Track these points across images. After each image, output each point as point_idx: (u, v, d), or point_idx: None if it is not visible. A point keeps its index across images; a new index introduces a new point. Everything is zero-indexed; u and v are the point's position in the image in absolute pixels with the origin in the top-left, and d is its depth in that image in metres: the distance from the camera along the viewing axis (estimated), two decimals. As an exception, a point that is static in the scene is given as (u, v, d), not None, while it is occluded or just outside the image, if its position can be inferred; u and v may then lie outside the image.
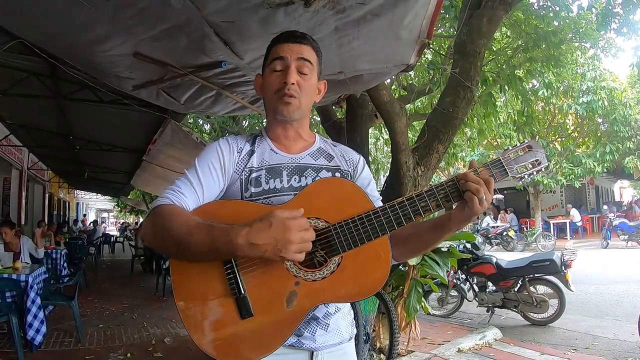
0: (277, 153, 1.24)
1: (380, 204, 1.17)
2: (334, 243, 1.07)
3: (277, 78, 1.20)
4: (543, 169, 1.18)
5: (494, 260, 5.69)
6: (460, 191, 1.07)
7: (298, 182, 1.20)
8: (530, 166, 1.16)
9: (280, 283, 1.07)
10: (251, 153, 1.23)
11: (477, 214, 1.08)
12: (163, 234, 1.05)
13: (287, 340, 1.09)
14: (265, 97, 1.26)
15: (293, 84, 1.17)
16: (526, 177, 1.17)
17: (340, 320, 1.23)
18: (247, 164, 1.21)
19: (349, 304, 1.29)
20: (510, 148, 1.18)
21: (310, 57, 1.21)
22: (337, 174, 1.26)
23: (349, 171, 1.29)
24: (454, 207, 1.13)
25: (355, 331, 1.31)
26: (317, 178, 1.22)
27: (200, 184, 1.15)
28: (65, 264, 7.47)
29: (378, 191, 1.39)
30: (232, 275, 1.06)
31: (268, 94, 1.23)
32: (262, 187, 1.17)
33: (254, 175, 1.19)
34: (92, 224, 21.95)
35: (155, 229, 1.08)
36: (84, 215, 37.86)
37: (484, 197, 1.04)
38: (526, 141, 1.19)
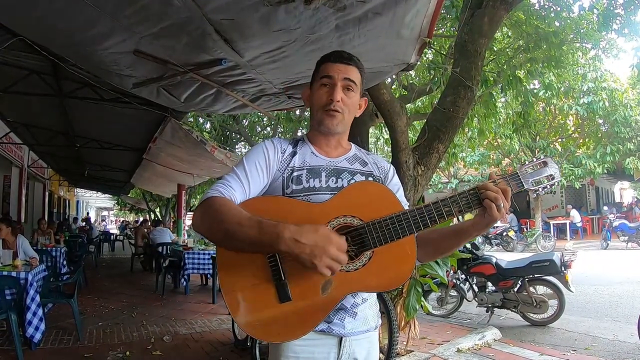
0: (317, 156, 1.37)
1: (401, 205, 1.28)
2: (367, 239, 1.18)
3: (324, 94, 1.33)
4: (556, 184, 1.29)
5: (494, 260, 5.69)
6: (480, 199, 1.18)
7: (335, 183, 1.32)
8: (545, 180, 1.27)
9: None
10: (293, 154, 1.35)
11: (496, 220, 1.18)
12: (213, 223, 1.16)
13: (319, 323, 1.21)
14: (312, 108, 1.39)
15: (338, 101, 1.31)
16: (540, 190, 1.28)
17: (367, 310, 1.34)
18: (289, 163, 1.33)
19: (374, 295, 1.41)
20: (527, 163, 1.29)
21: (355, 78, 1.34)
22: (370, 179, 1.38)
23: (380, 177, 1.42)
24: (472, 213, 1.24)
25: (380, 321, 1.43)
26: (352, 180, 1.34)
27: (247, 179, 1.27)
28: (65, 262, 7.46)
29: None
30: (274, 263, 1.17)
31: (315, 107, 1.36)
32: (302, 185, 1.29)
33: (295, 174, 1.31)
34: (86, 223, 20.32)
35: (206, 217, 1.18)
36: (87, 213, 37.70)
37: (502, 204, 1.15)
38: (542, 157, 1.30)
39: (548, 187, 1.27)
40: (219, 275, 1.22)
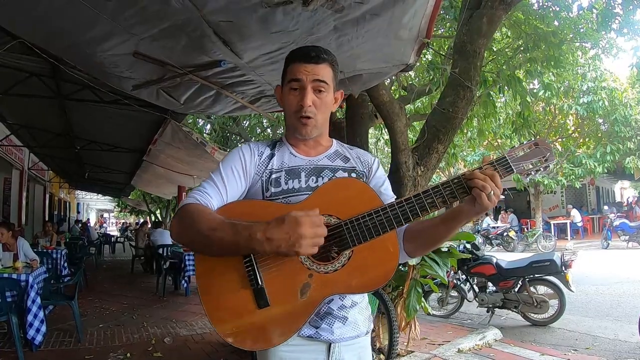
0: (296, 156, 1.32)
1: (380, 200, 1.22)
2: (345, 238, 1.14)
3: (294, 98, 1.27)
4: (550, 165, 1.21)
5: (494, 260, 5.69)
6: (466, 187, 1.12)
7: (315, 182, 1.27)
8: (538, 162, 1.20)
9: (294, 275, 1.14)
10: (271, 156, 1.31)
11: (488, 208, 1.12)
12: (190, 230, 1.14)
13: (300, 328, 1.16)
14: (284, 112, 1.35)
15: (310, 106, 1.24)
16: (533, 173, 1.20)
17: (357, 315, 1.28)
18: (267, 166, 1.29)
19: (366, 298, 1.36)
20: (516, 146, 1.22)
21: (325, 77, 1.26)
22: (353, 174, 1.33)
23: (364, 172, 1.36)
24: (457, 203, 1.17)
25: (372, 326, 1.36)
26: (334, 178, 1.29)
27: (224, 186, 1.24)
28: (66, 264, 7.46)
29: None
30: (250, 268, 1.13)
31: (287, 112, 1.31)
32: (281, 187, 1.25)
33: (274, 176, 1.27)
34: (81, 226, 18.24)
35: (183, 225, 1.16)
36: (101, 216, 37.31)
37: (492, 192, 1.09)
38: (532, 139, 1.23)
39: (542, 169, 1.20)
40: (197, 284, 1.19)
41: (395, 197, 1.32)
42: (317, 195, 1.20)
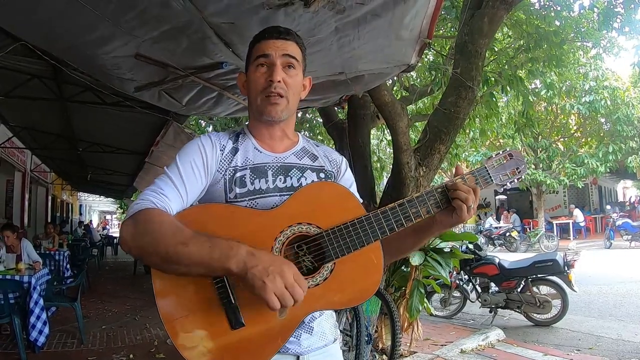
0: (261, 152, 1.20)
1: (362, 207, 1.18)
2: (327, 249, 1.05)
3: (262, 76, 1.16)
4: (522, 177, 1.25)
5: (497, 260, 5.68)
6: (449, 198, 1.10)
7: (283, 183, 1.17)
8: (511, 174, 1.21)
9: None
10: (235, 151, 1.18)
11: (465, 220, 1.12)
12: (149, 243, 0.98)
13: (279, 349, 1.06)
14: (249, 96, 1.21)
15: (279, 81, 1.14)
16: (508, 184, 1.22)
17: (323, 323, 1.21)
18: (231, 162, 1.16)
19: None
20: (493, 156, 1.22)
21: (295, 54, 1.18)
22: (322, 174, 1.24)
23: (332, 172, 1.27)
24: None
25: (338, 333, 1.29)
26: (302, 177, 1.19)
27: (183, 185, 1.09)
28: (68, 266, 7.48)
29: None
30: (221, 284, 1.01)
31: (253, 93, 1.19)
32: (247, 188, 1.13)
33: (238, 174, 1.14)
34: (83, 228, 17.90)
35: (139, 235, 0.99)
36: (104, 217, 37.29)
37: (472, 205, 1.09)
38: (507, 149, 1.24)
39: (515, 180, 1.21)
40: (157, 302, 1.01)
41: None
42: (294, 200, 1.09)
